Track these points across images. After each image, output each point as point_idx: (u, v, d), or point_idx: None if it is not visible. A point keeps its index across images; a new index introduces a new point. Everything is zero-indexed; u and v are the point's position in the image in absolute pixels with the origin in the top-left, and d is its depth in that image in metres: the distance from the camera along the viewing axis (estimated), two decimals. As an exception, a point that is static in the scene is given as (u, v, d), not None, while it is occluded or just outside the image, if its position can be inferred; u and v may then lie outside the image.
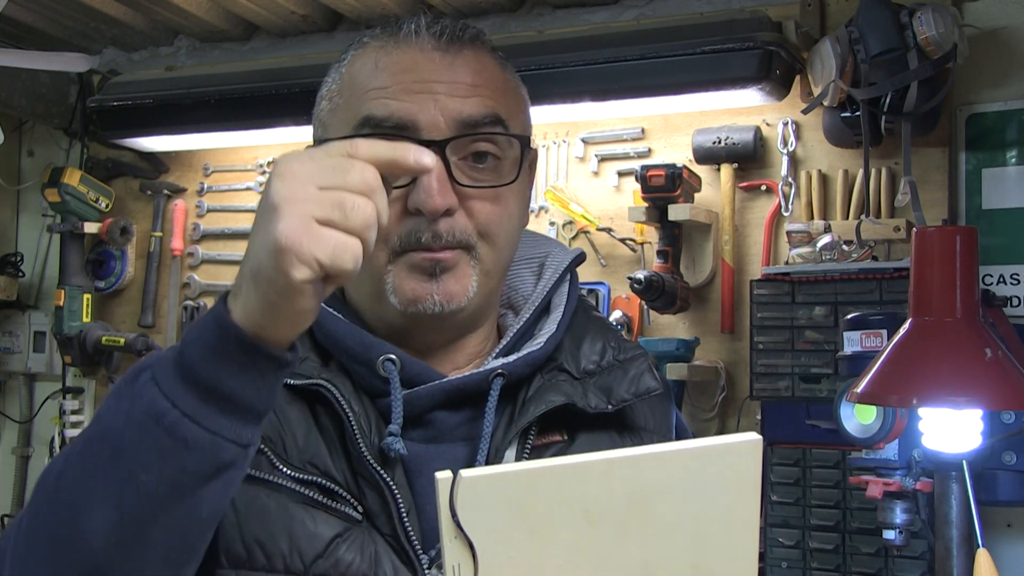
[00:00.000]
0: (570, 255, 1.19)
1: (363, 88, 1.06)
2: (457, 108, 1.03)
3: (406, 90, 1.03)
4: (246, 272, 0.81)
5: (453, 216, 1.03)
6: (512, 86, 1.12)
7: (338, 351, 1.07)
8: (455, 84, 1.04)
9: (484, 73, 1.07)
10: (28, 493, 2.99)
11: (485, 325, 1.13)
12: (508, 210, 1.07)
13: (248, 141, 2.70)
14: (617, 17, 2.38)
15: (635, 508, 0.81)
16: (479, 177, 1.05)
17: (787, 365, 2.09)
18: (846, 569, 2.03)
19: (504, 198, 1.07)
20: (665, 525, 0.81)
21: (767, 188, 2.28)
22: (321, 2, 2.49)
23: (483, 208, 1.05)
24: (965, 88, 2.12)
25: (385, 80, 1.05)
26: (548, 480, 0.81)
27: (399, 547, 0.99)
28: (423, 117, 1.02)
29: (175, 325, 2.83)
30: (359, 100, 1.05)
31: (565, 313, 1.13)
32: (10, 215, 3.12)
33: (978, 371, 1.41)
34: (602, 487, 0.80)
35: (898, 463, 1.76)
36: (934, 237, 1.50)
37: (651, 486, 0.81)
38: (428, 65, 1.05)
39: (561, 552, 0.80)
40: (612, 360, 1.12)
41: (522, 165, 1.08)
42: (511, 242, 1.10)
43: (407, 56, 1.06)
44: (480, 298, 1.07)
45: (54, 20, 2.72)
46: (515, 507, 0.80)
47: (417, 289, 1.04)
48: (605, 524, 0.80)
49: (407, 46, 1.06)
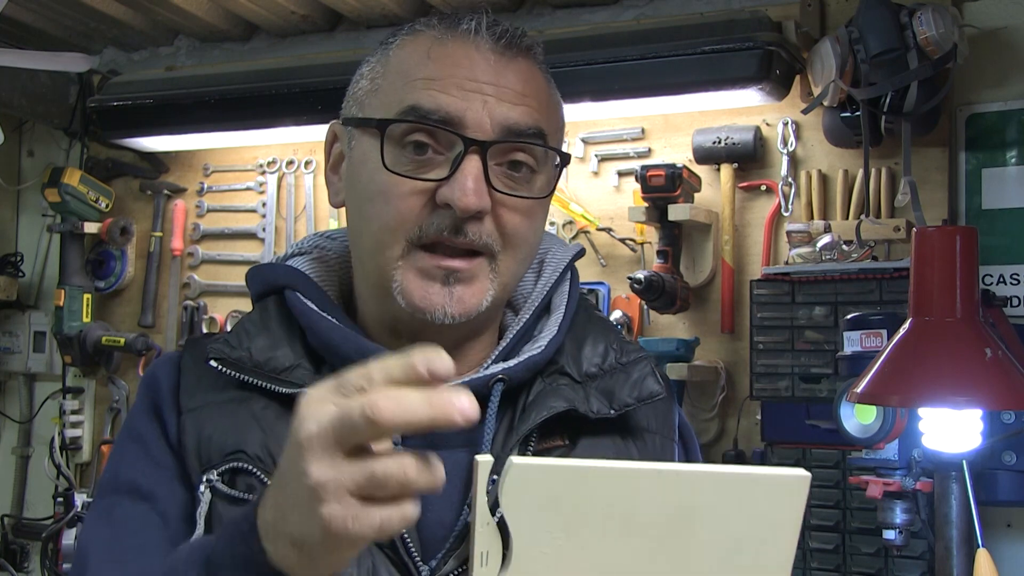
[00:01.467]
0: (570, 252, 1.18)
1: (411, 75, 1.03)
2: (505, 113, 1.02)
3: (457, 86, 1.01)
4: (283, 536, 0.78)
5: (482, 220, 1.01)
6: (555, 104, 1.12)
7: (332, 356, 1.05)
8: (506, 89, 1.03)
9: (533, 84, 1.06)
10: (28, 493, 3.00)
11: (489, 331, 1.12)
12: (535, 224, 1.07)
13: (248, 141, 2.70)
14: (617, 17, 2.38)
15: (675, 523, 0.80)
16: (514, 186, 1.04)
17: (787, 365, 2.09)
18: (846, 569, 2.03)
19: (534, 211, 1.06)
20: (701, 547, 0.80)
21: (767, 188, 2.28)
22: (321, 2, 2.49)
23: (512, 218, 1.03)
24: (965, 88, 2.12)
25: (436, 71, 1.02)
26: (595, 481, 0.79)
27: (397, 559, 0.97)
28: (471, 115, 1.01)
29: (175, 325, 2.83)
30: (405, 86, 1.03)
31: (566, 314, 1.11)
32: (10, 215, 3.12)
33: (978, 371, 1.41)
34: (648, 497, 0.79)
35: (898, 463, 1.76)
36: (934, 237, 1.50)
37: (695, 505, 0.80)
38: (482, 65, 1.03)
39: (593, 556, 0.79)
40: (614, 363, 1.10)
41: (557, 181, 1.08)
42: (531, 256, 1.09)
43: (462, 52, 1.04)
44: (493, 308, 1.06)
45: (54, 20, 2.72)
46: (558, 502, 0.79)
47: (429, 297, 1.02)
48: (643, 536, 0.79)
49: (464, 40, 1.05)
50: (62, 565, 2.66)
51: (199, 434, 1.04)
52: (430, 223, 1.01)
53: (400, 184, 1.02)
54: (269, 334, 1.08)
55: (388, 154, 1.02)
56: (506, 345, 1.09)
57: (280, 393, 1.02)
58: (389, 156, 1.02)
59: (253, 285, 1.16)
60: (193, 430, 1.04)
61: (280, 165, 2.75)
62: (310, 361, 1.06)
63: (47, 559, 2.72)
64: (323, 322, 1.06)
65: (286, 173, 2.75)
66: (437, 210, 1.01)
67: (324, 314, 1.07)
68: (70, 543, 2.68)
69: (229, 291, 2.79)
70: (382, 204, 1.03)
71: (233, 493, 1.01)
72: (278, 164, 2.75)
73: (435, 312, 1.01)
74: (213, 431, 1.04)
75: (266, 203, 2.76)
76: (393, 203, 1.02)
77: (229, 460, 1.02)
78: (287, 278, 1.12)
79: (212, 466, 1.02)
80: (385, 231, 1.03)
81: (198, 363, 1.07)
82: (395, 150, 1.03)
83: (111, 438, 2.87)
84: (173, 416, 1.07)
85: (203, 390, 1.06)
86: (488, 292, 1.03)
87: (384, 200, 1.03)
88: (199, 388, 1.07)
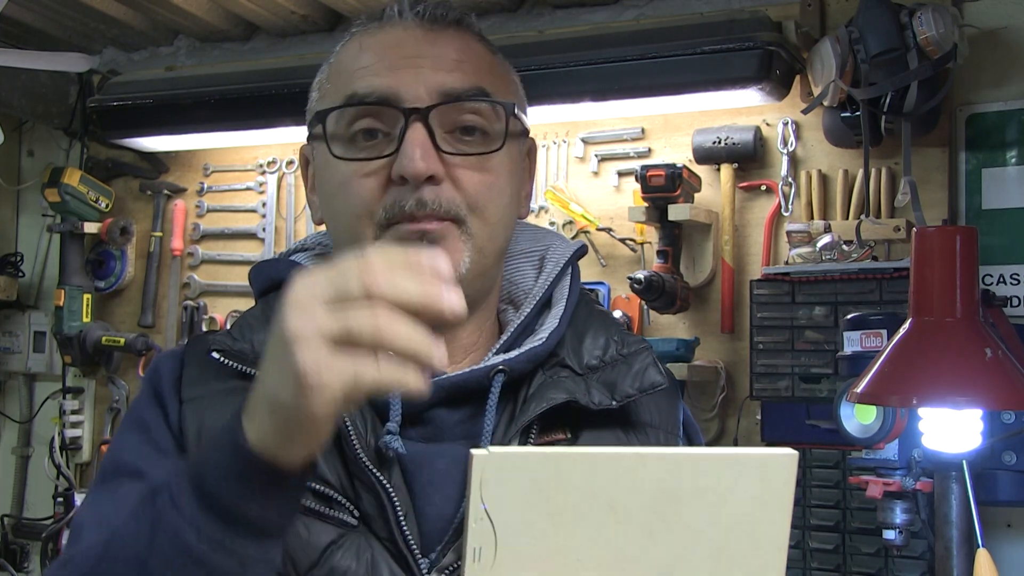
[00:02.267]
0: (571, 248, 1.17)
1: (348, 70, 1.06)
2: (440, 80, 1.03)
3: (389, 66, 1.04)
4: (262, 400, 0.79)
5: (439, 185, 1.01)
6: (500, 67, 1.11)
7: None
8: (438, 58, 1.04)
9: (469, 51, 1.07)
10: (28, 493, 3.01)
11: (477, 315, 1.10)
12: (498, 182, 1.06)
13: (248, 141, 2.70)
14: (617, 17, 2.38)
15: (662, 508, 0.79)
16: (465, 148, 1.04)
17: (787, 365, 2.09)
18: (846, 569, 2.03)
19: (492, 169, 1.05)
20: (691, 531, 0.79)
21: (767, 188, 2.28)
22: (321, 2, 2.49)
23: (471, 178, 1.03)
24: (965, 88, 2.12)
25: (369, 59, 1.05)
26: (577, 467, 0.79)
27: (396, 552, 0.97)
28: (405, 88, 1.02)
29: (175, 325, 2.83)
30: (345, 81, 1.06)
31: (567, 307, 1.11)
32: (10, 215, 3.12)
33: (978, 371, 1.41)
34: (632, 481, 0.78)
35: (898, 463, 1.76)
36: (934, 237, 1.50)
37: (681, 487, 0.79)
38: (411, 41, 1.05)
39: (582, 545, 0.78)
40: (615, 354, 1.09)
41: (507, 133, 1.06)
42: (504, 220, 1.08)
43: (390, 35, 1.06)
44: (474, 277, 1.05)
45: (54, 20, 2.72)
46: (541, 490, 0.78)
47: None
48: (630, 521, 0.78)
49: (390, 26, 1.07)
50: (62, 565, 2.66)
51: (200, 423, 1.05)
52: (392, 202, 1.01)
53: (355, 170, 1.04)
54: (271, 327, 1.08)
55: (336, 145, 1.05)
56: (507, 339, 1.09)
57: None
58: (338, 147, 1.05)
59: (257, 282, 1.17)
60: (194, 419, 1.05)
61: (280, 165, 2.75)
62: None
63: (47, 559, 2.72)
64: None
65: (286, 173, 2.75)
66: (394, 187, 1.02)
67: None
68: (70, 543, 2.68)
69: (229, 291, 2.79)
70: (344, 195, 1.05)
71: None
72: (278, 164, 2.75)
73: None
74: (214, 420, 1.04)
75: (266, 203, 2.77)
76: (352, 190, 1.04)
77: None
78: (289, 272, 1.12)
79: None
80: (353, 220, 1.04)
81: (201, 356, 1.08)
82: (344, 143, 1.05)
83: (111, 438, 2.87)
84: (175, 405, 1.07)
85: (205, 381, 1.07)
86: (464, 254, 1.03)
87: (344, 190, 1.05)
88: (201, 379, 1.07)
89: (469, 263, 1.04)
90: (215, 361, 1.06)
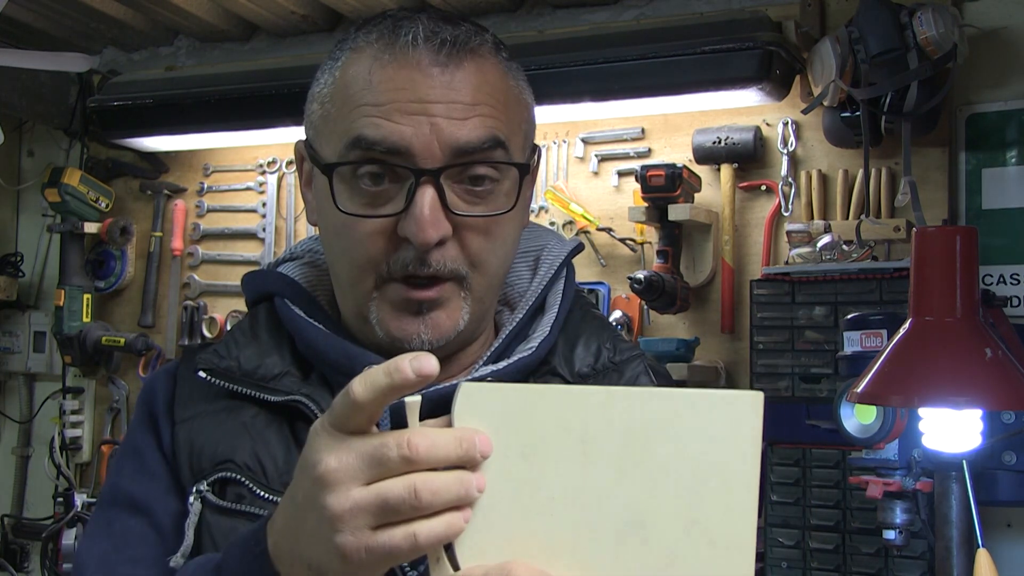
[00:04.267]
0: (566, 248, 1.16)
1: (356, 101, 1.00)
2: (454, 133, 0.98)
3: (400, 110, 0.98)
4: (302, 560, 0.80)
5: (445, 246, 0.99)
6: (515, 95, 1.06)
7: (320, 363, 1.05)
8: (453, 105, 0.99)
9: (485, 88, 1.01)
10: (28, 493, 3.00)
11: (480, 337, 1.11)
12: (503, 238, 1.04)
13: (248, 141, 2.70)
14: (617, 17, 2.38)
15: (631, 445, 0.79)
16: (475, 202, 1.01)
17: (787, 365, 2.09)
18: (846, 569, 2.03)
19: (499, 226, 1.03)
20: (660, 468, 0.80)
21: (767, 188, 2.28)
22: (321, 2, 2.49)
23: (476, 238, 1.01)
24: (965, 88, 2.12)
25: (379, 96, 0.99)
26: (547, 402, 0.79)
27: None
28: (417, 142, 0.97)
29: (175, 325, 2.83)
30: (351, 114, 1.00)
31: (559, 314, 1.10)
32: (10, 215, 3.12)
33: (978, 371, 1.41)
34: (600, 418, 0.79)
35: (898, 463, 1.76)
36: (934, 237, 1.49)
37: (649, 424, 0.79)
38: (425, 83, 0.98)
39: (553, 483, 0.79)
40: (607, 362, 1.09)
41: (520, 193, 1.04)
42: (504, 266, 1.07)
43: (403, 73, 0.99)
44: (475, 323, 1.05)
45: (54, 20, 2.72)
46: (511, 425, 0.79)
47: (404, 328, 1.01)
48: (601, 459, 0.79)
49: (404, 59, 0.99)
50: (62, 565, 2.67)
51: (191, 444, 1.05)
52: (395, 259, 1.00)
53: (358, 224, 1.01)
54: (258, 342, 1.08)
55: (341, 194, 1.01)
56: (499, 346, 1.08)
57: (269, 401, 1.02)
58: (342, 195, 1.01)
59: (247, 293, 1.16)
60: (185, 441, 1.05)
61: (280, 165, 2.75)
62: (298, 368, 1.06)
63: (47, 559, 2.72)
64: (310, 329, 1.06)
65: (286, 173, 2.75)
66: (400, 244, 0.99)
67: (311, 320, 1.07)
68: (70, 543, 2.68)
69: (229, 291, 2.79)
70: (346, 243, 1.02)
71: (222, 504, 1.01)
72: (278, 164, 2.75)
73: (412, 341, 1.01)
74: (204, 441, 1.04)
75: (266, 203, 2.76)
76: (356, 243, 1.01)
77: (218, 470, 1.02)
78: (276, 285, 1.12)
79: (203, 476, 1.03)
80: (354, 269, 1.03)
81: (191, 374, 1.08)
82: (349, 186, 1.01)
83: (111, 438, 2.87)
84: (168, 427, 1.07)
85: (196, 401, 1.07)
86: (463, 312, 1.02)
87: (347, 239, 1.02)
88: (192, 399, 1.07)
89: (467, 317, 1.03)
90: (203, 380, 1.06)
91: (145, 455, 1.07)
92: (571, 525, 0.79)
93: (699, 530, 0.80)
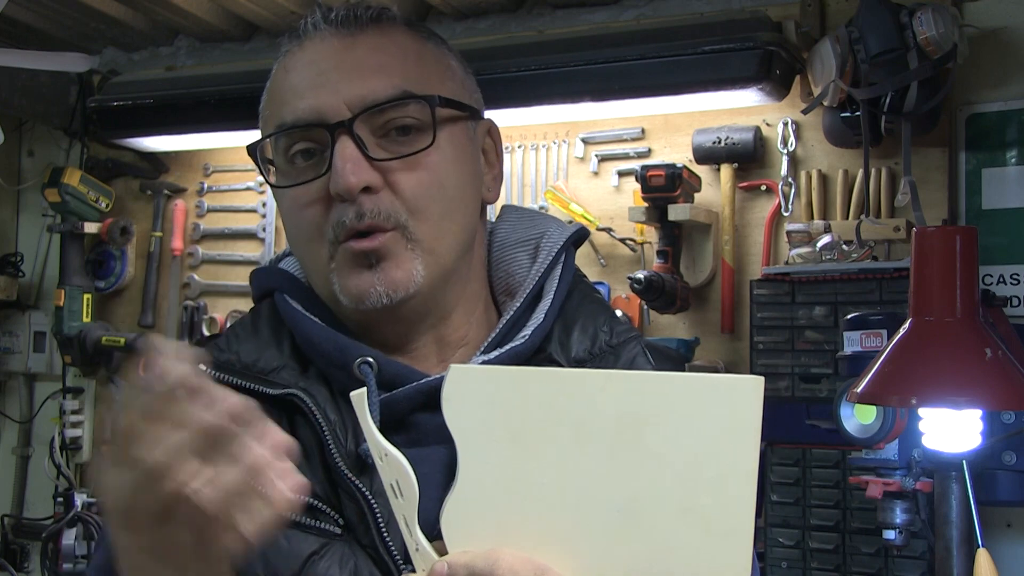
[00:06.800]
0: (565, 234, 1.14)
1: (276, 96, 1.07)
2: (355, 90, 1.01)
3: (310, 85, 1.03)
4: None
5: (377, 194, 1.00)
6: (430, 55, 1.08)
7: (316, 356, 1.05)
8: (355, 67, 1.03)
9: (389, 49, 1.05)
10: (28, 493, 3.00)
11: (460, 310, 1.09)
12: (436, 179, 1.03)
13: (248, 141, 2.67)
14: (617, 17, 2.38)
15: (626, 431, 0.77)
16: (397, 149, 1.02)
17: (787, 365, 2.09)
18: (846, 569, 2.03)
19: (428, 167, 1.03)
20: (656, 455, 0.78)
21: (767, 188, 2.28)
22: (321, 2, 2.49)
23: (406, 180, 1.02)
24: (965, 88, 2.12)
25: (293, 81, 1.05)
26: (539, 385, 0.78)
27: (379, 558, 0.96)
28: (325, 105, 1.02)
29: (175, 325, 2.83)
30: (275, 108, 1.07)
31: (554, 301, 1.08)
32: (10, 215, 3.12)
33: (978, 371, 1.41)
34: (595, 402, 0.77)
35: (898, 463, 1.76)
36: (934, 237, 1.50)
37: (645, 410, 0.77)
38: (328, 54, 1.04)
39: (546, 468, 0.77)
40: (604, 346, 1.07)
41: (436, 128, 1.03)
42: (452, 215, 1.05)
43: (308, 52, 1.06)
44: (433, 279, 1.03)
45: (54, 20, 2.72)
46: (502, 408, 0.77)
47: (359, 284, 1.01)
48: (594, 445, 0.77)
49: (308, 42, 1.06)
50: (62, 565, 2.66)
51: None
52: (336, 220, 1.01)
53: (296, 196, 1.04)
54: (258, 337, 1.09)
55: (277, 173, 1.07)
56: (496, 334, 1.07)
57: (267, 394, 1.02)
58: (278, 174, 1.07)
59: (253, 289, 1.17)
60: None
61: (280, 165, 2.75)
62: (297, 362, 1.06)
63: (47, 559, 2.72)
64: (305, 321, 1.07)
65: (286, 173, 2.75)
66: (335, 205, 1.01)
67: (307, 314, 1.08)
68: (70, 543, 2.68)
69: (229, 291, 2.79)
70: (293, 220, 1.06)
71: None
72: (278, 164, 2.75)
73: (370, 297, 1.01)
74: None
75: (266, 203, 2.76)
76: (299, 215, 1.05)
77: None
78: (276, 280, 1.14)
79: None
80: (307, 243, 1.05)
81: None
82: (283, 170, 1.07)
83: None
84: None
85: None
86: (415, 263, 1.02)
87: (293, 215, 1.06)
88: None
89: (423, 269, 1.02)
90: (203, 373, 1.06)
91: None
92: (562, 510, 0.78)
93: (694, 517, 0.78)
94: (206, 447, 0.75)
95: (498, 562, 0.76)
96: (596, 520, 0.78)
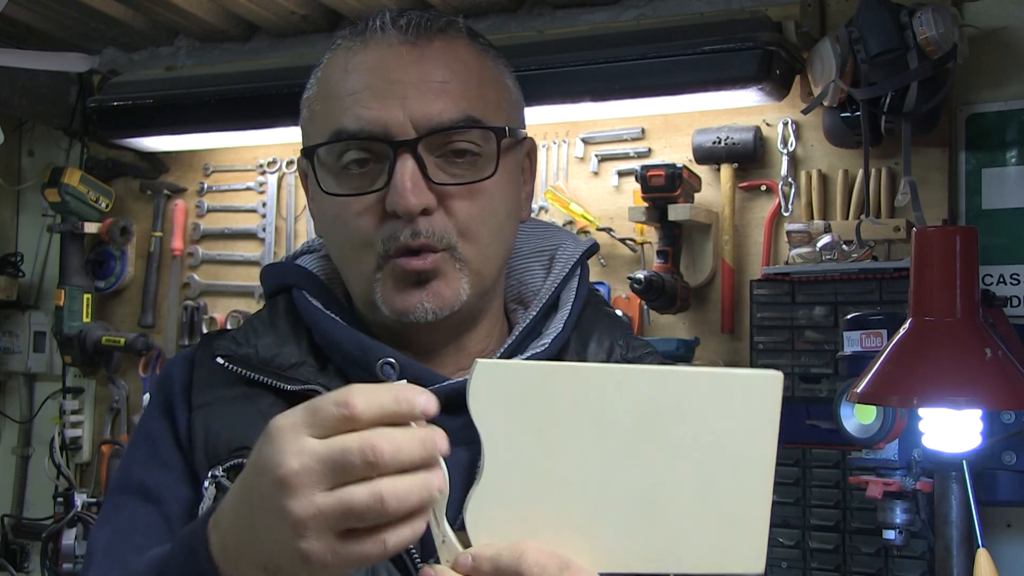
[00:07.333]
0: (581, 247, 1.17)
1: (335, 94, 1.05)
2: (425, 109, 1.01)
3: (374, 94, 1.02)
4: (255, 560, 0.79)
5: (432, 215, 1.01)
6: (491, 76, 1.09)
7: (336, 355, 1.06)
8: (424, 83, 1.02)
9: (456, 66, 1.05)
10: (28, 493, 3.00)
11: (485, 322, 1.11)
12: (490, 206, 1.05)
13: (248, 141, 2.70)
14: (617, 17, 2.38)
15: (648, 424, 0.78)
16: (457, 173, 1.03)
17: (787, 365, 2.09)
18: (846, 569, 2.03)
19: (484, 194, 1.05)
20: (676, 450, 0.79)
21: (767, 188, 2.28)
22: (321, 2, 2.49)
23: (462, 206, 1.03)
24: (965, 88, 2.12)
25: (355, 84, 1.03)
26: (563, 379, 0.79)
27: (396, 557, 0.97)
28: (391, 121, 1.01)
29: (175, 325, 2.83)
30: (332, 108, 1.05)
31: (572, 311, 1.11)
32: (10, 215, 3.12)
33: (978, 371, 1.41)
34: (618, 396, 0.78)
35: (898, 463, 1.76)
36: (934, 237, 1.50)
37: (667, 404, 0.79)
38: (395, 63, 1.03)
39: (568, 461, 0.78)
40: (619, 359, 1.10)
41: (499, 158, 1.05)
42: (499, 238, 1.08)
43: (374, 55, 1.04)
44: (475, 298, 1.06)
45: (54, 20, 2.72)
46: (527, 403, 0.78)
47: (406, 300, 1.03)
48: (615, 437, 0.78)
49: (374, 44, 1.05)
50: (62, 565, 2.66)
51: (207, 430, 1.05)
52: (387, 234, 1.02)
53: (348, 205, 1.04)
54: (276, 332, 1.10)
55: (326, 179, 1.05)
56: (512, 342, 1.09)
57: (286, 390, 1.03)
58: (328, 180, 1.05)
59: (265, 284, 1.18)
60: (202, 426, 1.06)
61: (280, 165, 2.75)
62: (315, 359, 1.07)
63: (47, 559, 2.71)
64: (326, 320, 1.07)
65: (286, 173, 2.75)
66: (389, 220, 1.02)
67: (328, 312, 1.08)
68: (70, 543, 2.67)
69: (229, 291, 2.79)
70: (341, 228, 1.06)
71: None
72: (278, 164, 2.75)
73: (415, 312, 1.03)
74: (221, 427, 1.05)
75: (266, 203, 2.76)
76: (349, 225, 1.04)
77: (235, 456, 1.02)
78: (294, 277, 1.14)
79: (218, 462, 1.03)
80: (352, 251, 1.05)
81: (209, 360, 1.09)
82: (335, 173, 1.05)
83: (111, 438, 2.87)
84: (184, 413, 1.08)
85: (213, 387, 1.08)
86: (462, 283, 1.04)
87: (341, 224, 1.05)
88: (210, 385, 1.08)
89: (468, 288, 1.04)
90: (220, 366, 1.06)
91: (158, 443, 1.08)
92: (584, 503, 0.79)
93: (714, 509, 0.79)
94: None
95: (524, 555, 0.76)
96: (618, 512, 0.79)
